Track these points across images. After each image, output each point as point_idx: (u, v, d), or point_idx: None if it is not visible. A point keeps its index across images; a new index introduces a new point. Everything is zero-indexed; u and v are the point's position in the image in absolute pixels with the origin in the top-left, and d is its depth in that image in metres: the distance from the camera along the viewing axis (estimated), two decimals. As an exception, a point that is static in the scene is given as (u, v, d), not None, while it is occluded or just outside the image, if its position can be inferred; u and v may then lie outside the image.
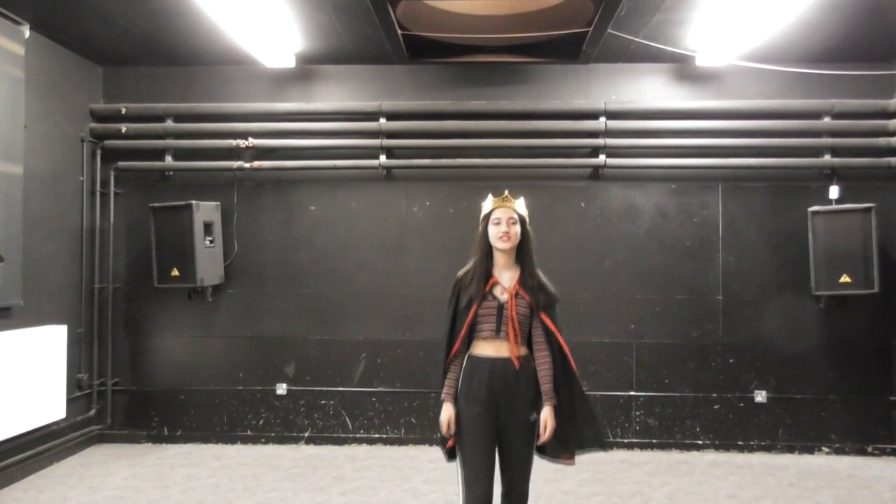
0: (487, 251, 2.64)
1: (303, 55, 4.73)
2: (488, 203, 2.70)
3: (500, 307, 2.57)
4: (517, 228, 2.63)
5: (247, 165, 4.96)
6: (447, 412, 2.60)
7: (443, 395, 2.64)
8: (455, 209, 4.93)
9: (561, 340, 2.61)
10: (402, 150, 4.97)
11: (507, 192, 2.69)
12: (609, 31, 4.10)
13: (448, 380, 2.64)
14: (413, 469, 4.40)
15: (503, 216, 2.62)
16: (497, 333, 2.57)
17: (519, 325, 2.58)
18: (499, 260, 2.64)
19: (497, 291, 2.60)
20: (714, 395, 4.87)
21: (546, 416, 2.56)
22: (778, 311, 4.83)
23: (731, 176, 4.90)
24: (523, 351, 2.62)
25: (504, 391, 2.56)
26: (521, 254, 2.65)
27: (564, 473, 4.15)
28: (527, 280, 2.62)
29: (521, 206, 2.69)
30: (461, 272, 2.68)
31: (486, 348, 2.59)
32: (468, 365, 2.62)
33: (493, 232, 2.61)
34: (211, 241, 4.79)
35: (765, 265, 4.87)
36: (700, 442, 4.85)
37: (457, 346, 2.60)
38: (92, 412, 4.89)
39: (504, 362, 2.56)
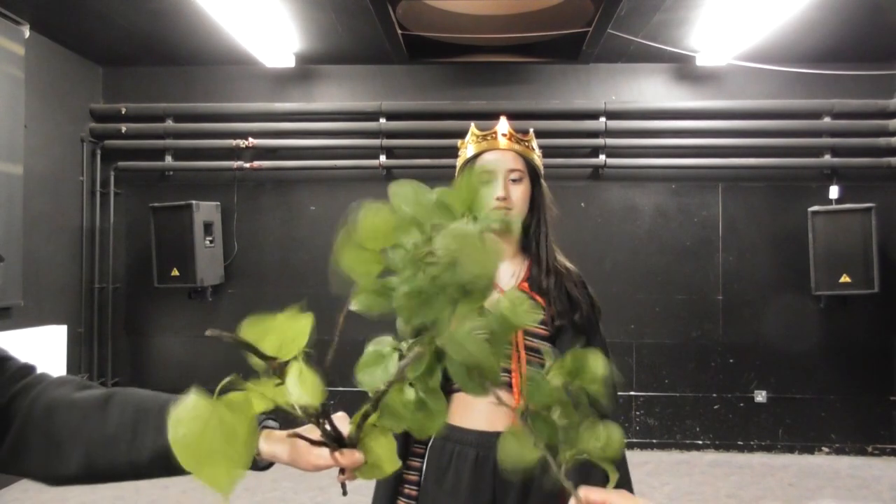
0: None
1: (303, 55, 4.73)
2: (468, 142, 1.53)
3: None
4: (524, 189, 1.48)
5: (247, 165, 4.95)
6: None
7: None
8: (455, 209, 4.93)
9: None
10: (402, 150, 4.98)
11: (504, 120, 1.52)
12: (609, 31, 4.10)
13: (408, 473, 1.42)
14: (413, 469, 4.40)
15: (500, 166, 1.45)
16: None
17: (529, 361, 1.38)
18: None
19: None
20: (714, 395, 4.87)
21: None
22: (778, 311, 4.83)
23: (731, 176, 4.90)
24: None
25: (504, 498, 1.35)
26: (531, 233, 1.52)
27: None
28: (541, 276, 1.46)
29: (532, 147, 1.53)
30: None
31: (469, 414, 1.38)
32: (438, 445, 1.40)
33: None
34: (211, 241, 4.79)
35: (765, 265, 4.87)
36: (700, 442, 4.85)
37: None
38: (92, 412, 4.88)
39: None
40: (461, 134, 5.19)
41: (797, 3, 3.69)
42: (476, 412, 1.37)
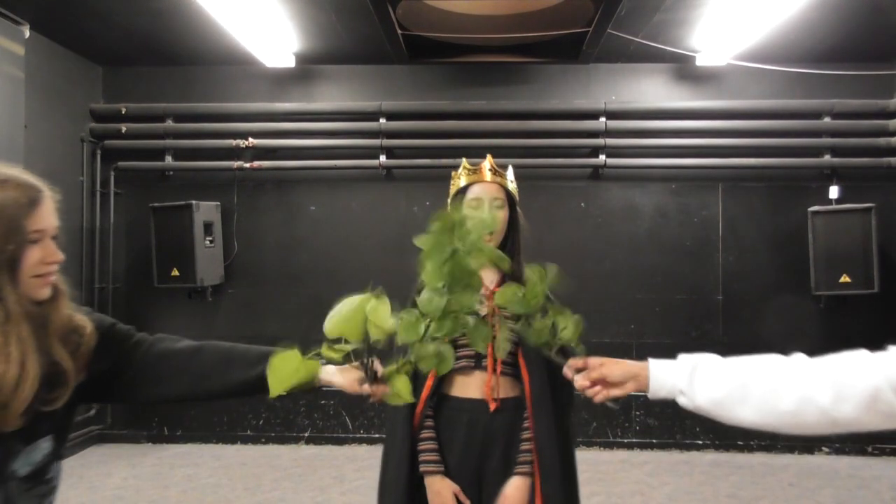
0: None
1: (303, 55, 4.73)
2: (461, 175, 1.89)
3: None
4: (504, 214, 1.82)
5: (247, 165, 4.96)
6: (447, 489, 1.71)
7: (423, 467, 1.72)
8: (455, 209, 4.93)
9: (526, 379, 1.70)
10: (402, 150, 4.98)
11: (489, 157, 1.88)
12: (609, 31, 4.10)
13: (425, 441, 1.74)
14: (413, 469, 4.41)
15: (485, 195, 1.81)
16: (479, 363, 1.74)
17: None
18: None
19: None
20: (714, 395, 4.86)
21: (509, 495, 1.69)
22: (778, 311, 4.82)
23: (731, 176, 4.90)
24: (513, 390, 1.76)
25: (489, 456, 1.73)
26: (507, 250, 1.82)
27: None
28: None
29: (510, 179, 1.89)
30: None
31: (465, 386, 1.75)
32: (441, 407, 1.79)
33: None
34: (211, 241, 4.79)
35: (765, 265, 4.87)
36: (700, 442, 4.85)
37: (428, 385, 1.73)
38: (92, 412, 4.88)
39: (488, 408, 1.74)
40: (461, 134, 5.21)
41: (797, 3, 3.69)
42: (470, 385, 1.75)
